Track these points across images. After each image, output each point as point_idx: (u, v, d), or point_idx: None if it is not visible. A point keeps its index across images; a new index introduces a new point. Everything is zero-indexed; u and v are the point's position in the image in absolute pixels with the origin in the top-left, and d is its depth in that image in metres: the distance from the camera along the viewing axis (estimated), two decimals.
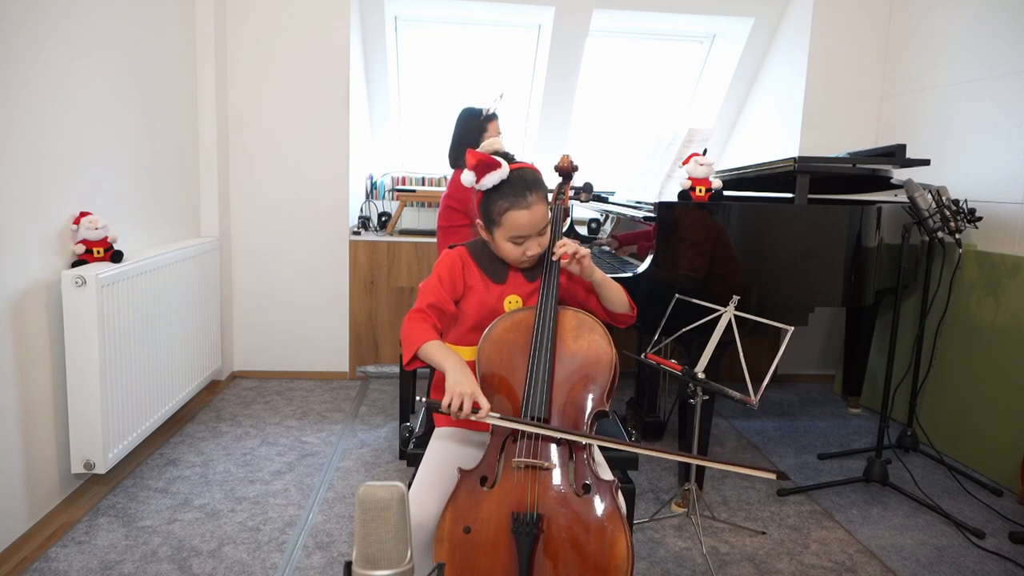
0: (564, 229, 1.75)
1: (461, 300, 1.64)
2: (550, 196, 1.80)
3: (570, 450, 1.41)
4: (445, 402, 1.38)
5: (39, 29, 2.07)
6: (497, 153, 1.59)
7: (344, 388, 3.60)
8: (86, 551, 2.03)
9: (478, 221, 1.62)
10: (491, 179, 1.53)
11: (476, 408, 1.38)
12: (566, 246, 1.54)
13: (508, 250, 1.58)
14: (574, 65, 3.84)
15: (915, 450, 2.95)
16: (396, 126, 4.15)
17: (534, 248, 1.57)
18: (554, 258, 1.56)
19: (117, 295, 2.32)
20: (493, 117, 2.97)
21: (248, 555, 2.04)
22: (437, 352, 1.49)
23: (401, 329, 1.57)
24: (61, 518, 2.19)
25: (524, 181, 1.54)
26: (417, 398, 1.51)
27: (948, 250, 2.92)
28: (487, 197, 1.57)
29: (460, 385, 1.39)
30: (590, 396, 1.47)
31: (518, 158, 1.62)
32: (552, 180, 1.82)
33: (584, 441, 1.40)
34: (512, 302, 1.63)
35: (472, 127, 2.93)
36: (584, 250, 1.55)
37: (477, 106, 2.98)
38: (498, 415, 1.40)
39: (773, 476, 1.38)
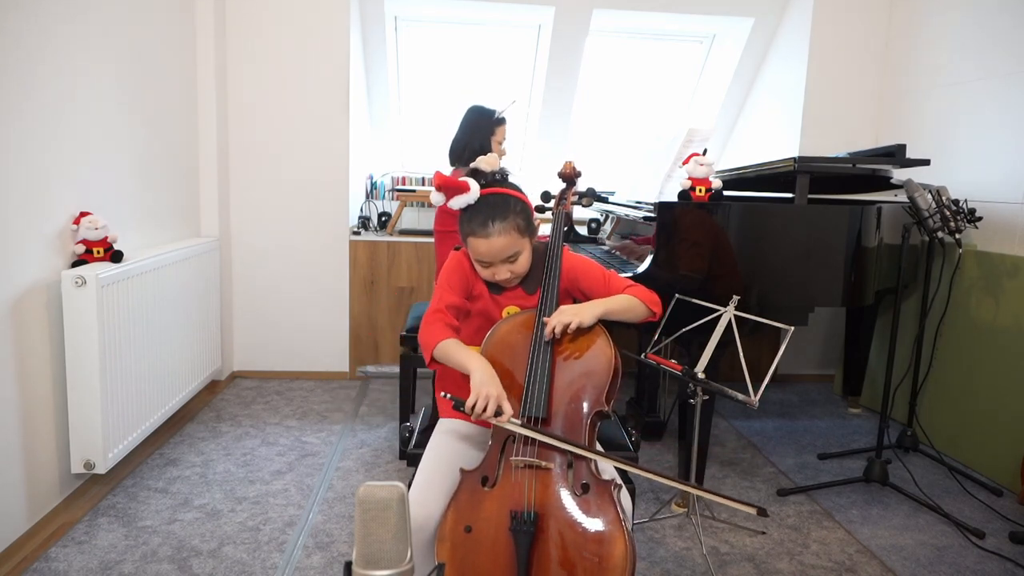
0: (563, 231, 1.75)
1: (471, 299, 1.65)
2: (551, 206, 1.80)
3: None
4: (470, 402, 1.38)
5: (39, 29, 2.07)
6: (488, 173, 1.59)
7: (344, 388, 3.60)
8: (86, 551, 2.03)
9: None
10: (458, 202, 1.55)
11: (499, 412, 1.38)
12: (554, 324, 1.48)
13: (478, 269, 1.61)
14: (574, 65, 3.84)
15: (915, 450, 2.95)
16: (396, 126, 4.14)
17: (502, 273, 1.57)
18: (546, 336, 1.49)
19: (117, 295, 2.32)
20: (502, 121, 2.95)
21: (248, 555, 2.04)
22: (458, 353, 1.49)
23: (419, 331, 1.57)
24: (61, 518, 2.18)
25: (489, 208, 1.53)
26: (442, 393, 1.49)
27: (948, 250, 2.92)
28: (461, 214, 1.58)
29: (487, 387, 1.39)
30: (590, 397, 1.47)
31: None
32: (555, 186, 1.83)
33: (584, 455, 1.37)
34: (510, 311, 1.64)
35: (482, 127, 2.90)
36: (574, 322, 1.49)
37: (488, 107, 2.95)
38: (519, 422, 1.40)
39: (754, 511, 1.33)
